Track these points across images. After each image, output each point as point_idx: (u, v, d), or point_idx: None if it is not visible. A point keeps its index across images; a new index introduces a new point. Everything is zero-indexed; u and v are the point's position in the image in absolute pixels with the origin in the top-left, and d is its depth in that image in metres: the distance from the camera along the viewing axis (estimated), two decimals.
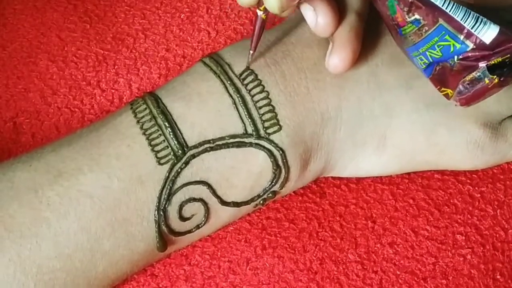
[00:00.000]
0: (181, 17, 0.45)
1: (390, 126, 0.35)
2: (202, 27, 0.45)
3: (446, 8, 0.29)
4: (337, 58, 0.32)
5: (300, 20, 0.36)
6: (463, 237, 0.36)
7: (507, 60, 0.29)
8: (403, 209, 0.37)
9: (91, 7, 0.46)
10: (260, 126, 0.33)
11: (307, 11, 0.32)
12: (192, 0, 0.46)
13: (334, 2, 0.32)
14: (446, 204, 0.37)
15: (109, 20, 0.45)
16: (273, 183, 0.34)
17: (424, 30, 0.30)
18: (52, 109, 0.42)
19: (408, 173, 0.38)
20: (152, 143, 0.32)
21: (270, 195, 0.35)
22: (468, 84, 0.29)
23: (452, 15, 0.29)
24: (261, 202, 0.35)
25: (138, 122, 0.33)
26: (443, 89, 0.31)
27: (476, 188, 0.37)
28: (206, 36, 0.44)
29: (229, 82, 0.33)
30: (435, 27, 0.29)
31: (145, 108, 0.33)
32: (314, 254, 0.36)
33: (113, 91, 0.42)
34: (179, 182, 0.32)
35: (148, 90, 0.42)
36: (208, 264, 0.36)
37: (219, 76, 0.34)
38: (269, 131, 0.33)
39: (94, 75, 0.43)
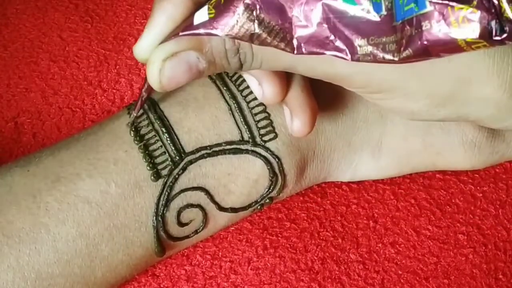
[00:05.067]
0: None
1: (384, 132, 0.35)
2: None
3: None
4: (300, 123, 0.31)
5: None
6: (465, 237, 0.36)
7: None
8: (404, 208, 0.37)
9: (92, 6, 0.46)
10: (256, 133, 0.33)
11: (250, 81, 0.31)
12: None
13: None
14: (448, 203, 0.37)
15: (110, 20, 0.45)
16: (270, 190, 0.34)
17: None
18: (54, 109, 0.42)
19: (410, 173, 0.38)
20: (150, 148, 0.32)
21: (268, 200, 0.34)
22: None
23: None
24: (259, 207, 0.35)
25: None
26: None
27: (478, 187, 0.37)
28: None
29: (225, 88, 0.33)
30: None
31: (142, 113, 0.33)
32: (316, 254, 0.36)
33: (114, 91, 0.42)
34: (177, 188, 0.32)
35: None
36: (210, 264, 0.36)
37: (215, 82, 0.33)
38: (265, 138, 0.33)
39: (96, 75, 0.43)
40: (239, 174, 0.33)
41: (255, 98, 0.33)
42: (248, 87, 0.33)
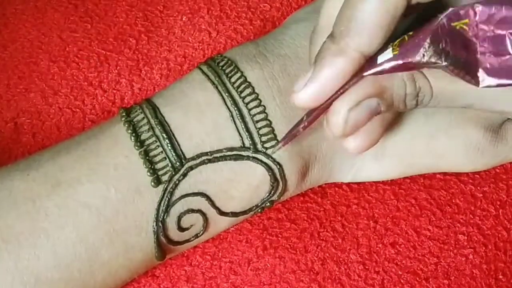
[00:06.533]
0: (183, 19, 0.45)
1: (389, 137, 0.35)
2: (203, 28, 0.45)
3: None
4: (355, 142, 0.31)
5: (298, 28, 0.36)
6: (465, 237, 0.36)
7: None
8: (405, 209, 0.37)
9: (92, 6, 0.46)
10: (257, 140, 0.33)
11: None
12: (193, 1, 0.46)
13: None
14: (448, 204, 0.37)
15: (110, 20, 0.45)
16: (271, 194, 0.34)
17: None
18: (53, 109, 0.42)
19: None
20: (150, 154, 0.32)
21: (268, 204, 0.34)
22: None
23: None
24: (259, 210, 0.35)
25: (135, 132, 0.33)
26: None
27: (478, 188, 0.37)
28: (207, 36, 0.44)
29: (227, 94, 0.33)
30: None
31: (143, 118, 0.33)
32: (316, 255, 0.36)
33: (115, 91, 0.42)
34: (178, 193, 0.32)
35: (149, 91, 0.42)
36: (209, 265, 0.36)
37: (217, 87, 0.33)
38: (266, 145, 0.33)
39: (96, 76, 0.43)
40: (240, 180, 0.33)
41: (257, 106, 0.33)
42: (250, 94, 0.33)
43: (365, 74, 0.27)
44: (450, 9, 0.25)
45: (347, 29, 0.26)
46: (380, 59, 0.27)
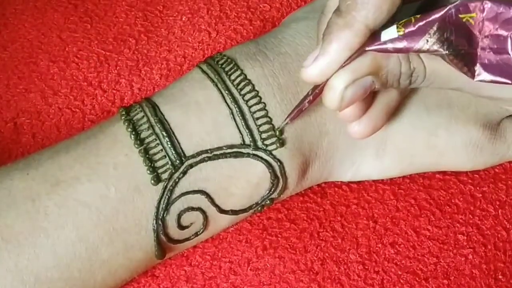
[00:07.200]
0: (183, 19, 0.45)
1: (390, 131, 0.35)
2: (202, 28, 0.45)
3: None
4: (359, 127, 0.32)
5: (298, 27, 0.36)
6: (465, 237, 0.36)
7: None
8: (404, 209, 0.37)
9: (91, 6, 0.46)
10: (257, 137, 0.33)
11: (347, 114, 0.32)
12: (193, 1, 0.46)
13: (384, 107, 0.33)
14: (447, 204, 0.37)
15: (110, 20, 0.45)
16: (271, 192, 0.34)
17: None
18: (53, 109, 0.42)
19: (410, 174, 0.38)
20: (150, 152, 0.32)
21: (268, 202, 0.34)
22: None
23: None
24: (259, 208, 0.35)
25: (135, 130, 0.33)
26: None
27: (478, 188, 0.37)
28: (206, 37, 0.44)
29: (226, 91, 0.33)
30: None
31: (143, 116, 0.33)
32: (315, 255, 0.36)
33: (114, 91, 0.42)
34: (177, 191, 0.32)
35: (149, 91, 0.42)
36: (209, 265, 0.36)
37: (216, 85, 0.33)
38: (266, 142, 0.33)
39: (96, 76, 0.43)
40: (240, 177, 0.33)
41: (257, 103, 0.33)
42: (250, 91, 0.33)
43: (367, 48, 0.28)
44: (460, 0, 0.25)
45: (353, 2, 0.27)
46: (384, 35, 0.27)
